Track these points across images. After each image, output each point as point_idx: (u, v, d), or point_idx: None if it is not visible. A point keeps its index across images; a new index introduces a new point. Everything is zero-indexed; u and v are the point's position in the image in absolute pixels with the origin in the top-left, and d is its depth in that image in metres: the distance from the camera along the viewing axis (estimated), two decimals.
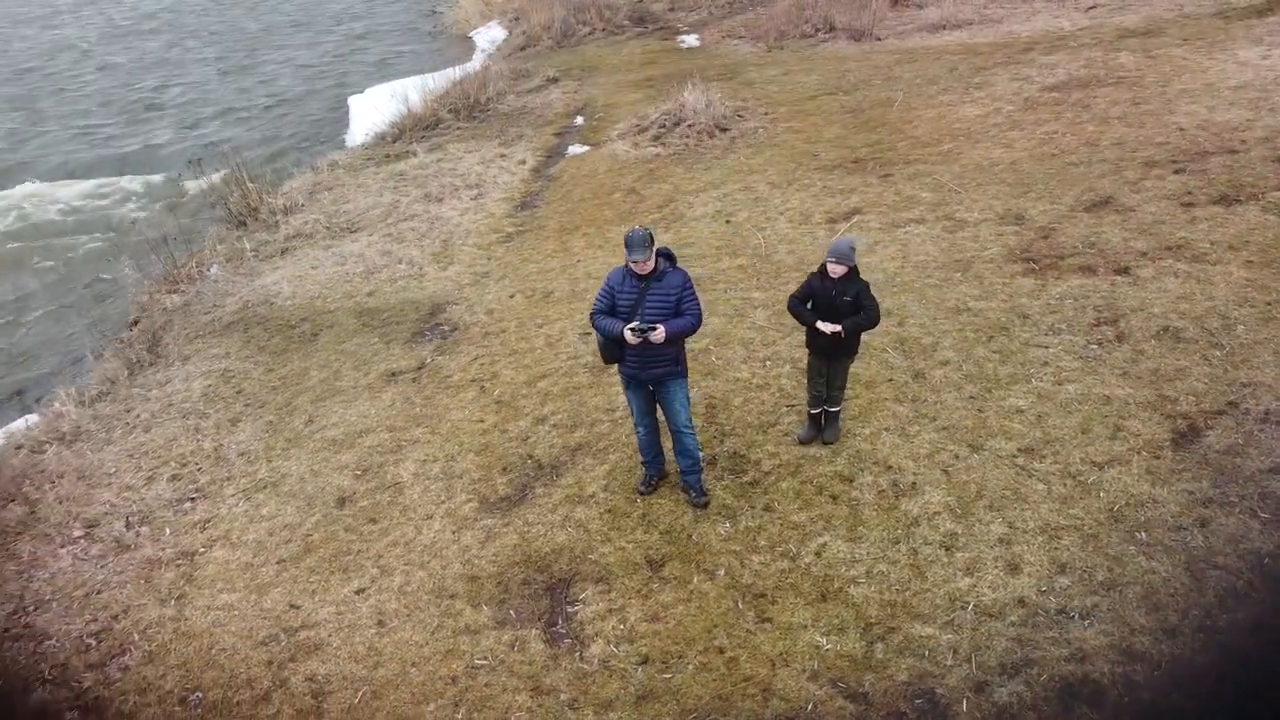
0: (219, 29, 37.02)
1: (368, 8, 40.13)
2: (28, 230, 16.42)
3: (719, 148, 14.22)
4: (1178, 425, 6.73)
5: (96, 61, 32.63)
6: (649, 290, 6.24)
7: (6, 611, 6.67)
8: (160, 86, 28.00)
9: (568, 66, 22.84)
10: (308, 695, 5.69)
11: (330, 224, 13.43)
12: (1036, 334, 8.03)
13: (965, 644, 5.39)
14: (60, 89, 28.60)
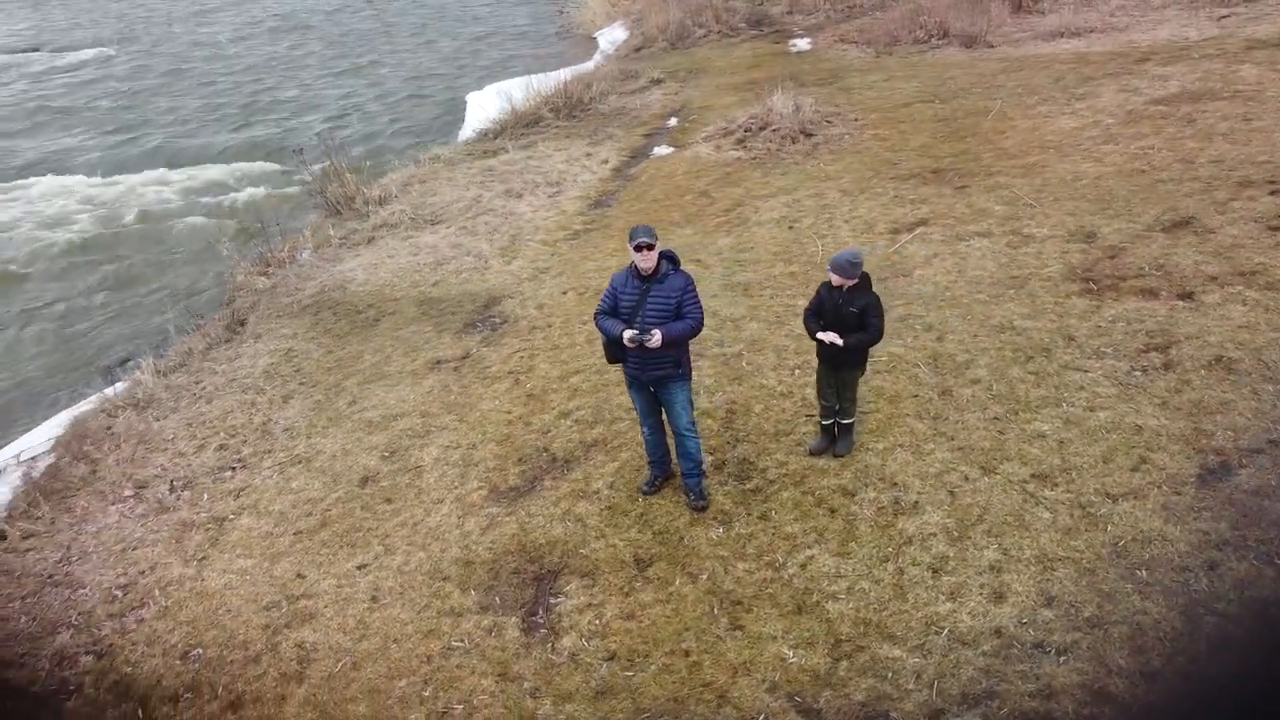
0: (351, 29, 38.66)
1: (497, 7, 41.21)
2: (151, 213, 17.61)
3: (800, 153, 14.07)
4: (1208, 461, 6.35)
5: (232, 57, 34.61)
6: (650, 292, 6.30)
7: (54, 559, 7.23)
8: (287, 82, 29.49)
9: (675, 68, 22.95)
10: (294, 661, 5.98)
11: (415, 215, 13.92)
12: (1078, 357, 7.69)
13: (931, 669, 5.25)
14: (198, 83, 30.46)
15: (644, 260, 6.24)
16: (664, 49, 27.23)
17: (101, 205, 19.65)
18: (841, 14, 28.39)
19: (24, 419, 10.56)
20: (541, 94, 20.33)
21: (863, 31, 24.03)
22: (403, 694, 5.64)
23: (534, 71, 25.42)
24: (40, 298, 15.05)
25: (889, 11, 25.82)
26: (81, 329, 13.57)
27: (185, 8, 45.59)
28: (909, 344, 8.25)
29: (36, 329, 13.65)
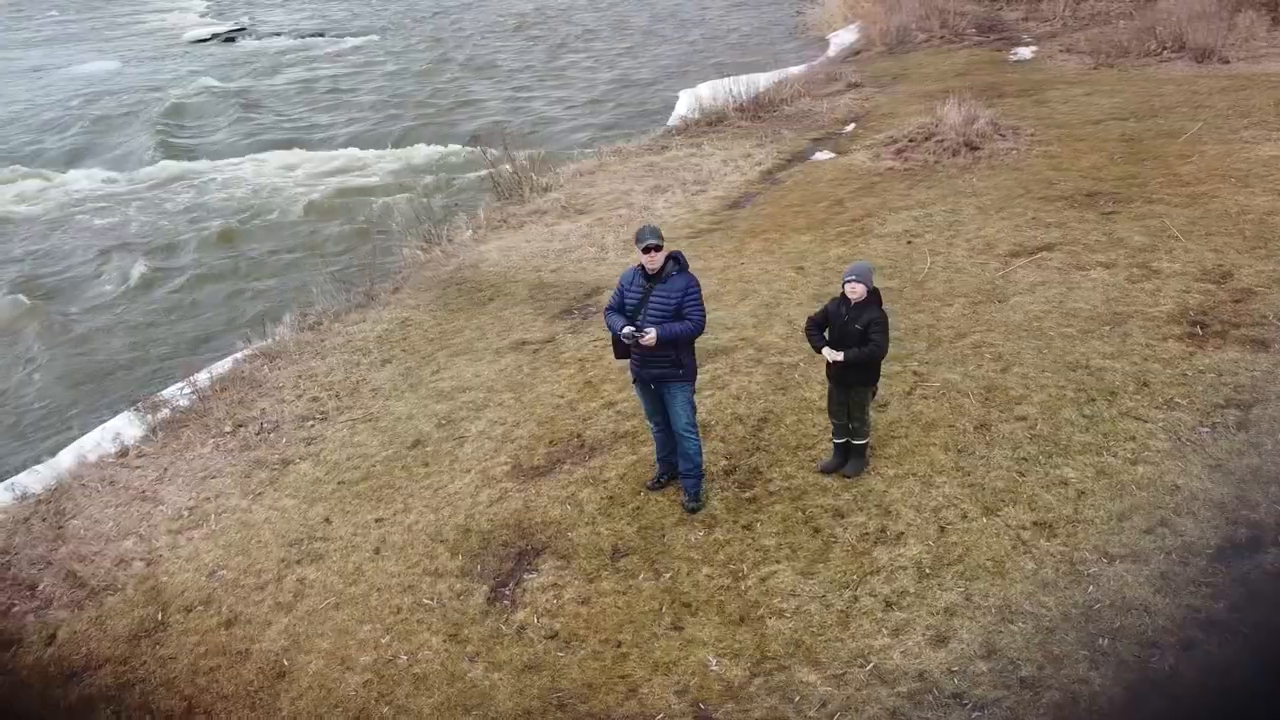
0: (588, 26, 40.25)
1: (737, 7, 41.54)
2: (348, 188, 19.42)
3: (957, 166, 13.46)
4: (1236, 534, 5.71)
5: (468, 51, 37.04)
6: (654, 291, 6.43)
7: (151, 478, 8.34)
8: (512, 75, 31.26)
9: (880, 73, 22.42)
10: (290, 594, 6.63)
11: (567, 205, 14.54)
12: (1144, 405, 7.05)
13: (838, 701, 5.11)
14: (438, 73, 32.86)
15: (650, 261, 6.37)
16: (880, 53, 26.57)
17: (317, 177, 21.84)
18: (1080, 22, 26.55)
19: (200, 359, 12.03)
20: (732, 94, 20.50)
21: (1091, 41, 22.38)
22: (364, 638, 6.13)
23: (750, 71, 25.58)
24: (245, 253, 17.03)
25: (1131, 21, 23.91)
26: (268, 285, 15.25)
27: (447, 3, 49.03)
28: (969, 372, 7.85)
29: (229, 285, 15.51)
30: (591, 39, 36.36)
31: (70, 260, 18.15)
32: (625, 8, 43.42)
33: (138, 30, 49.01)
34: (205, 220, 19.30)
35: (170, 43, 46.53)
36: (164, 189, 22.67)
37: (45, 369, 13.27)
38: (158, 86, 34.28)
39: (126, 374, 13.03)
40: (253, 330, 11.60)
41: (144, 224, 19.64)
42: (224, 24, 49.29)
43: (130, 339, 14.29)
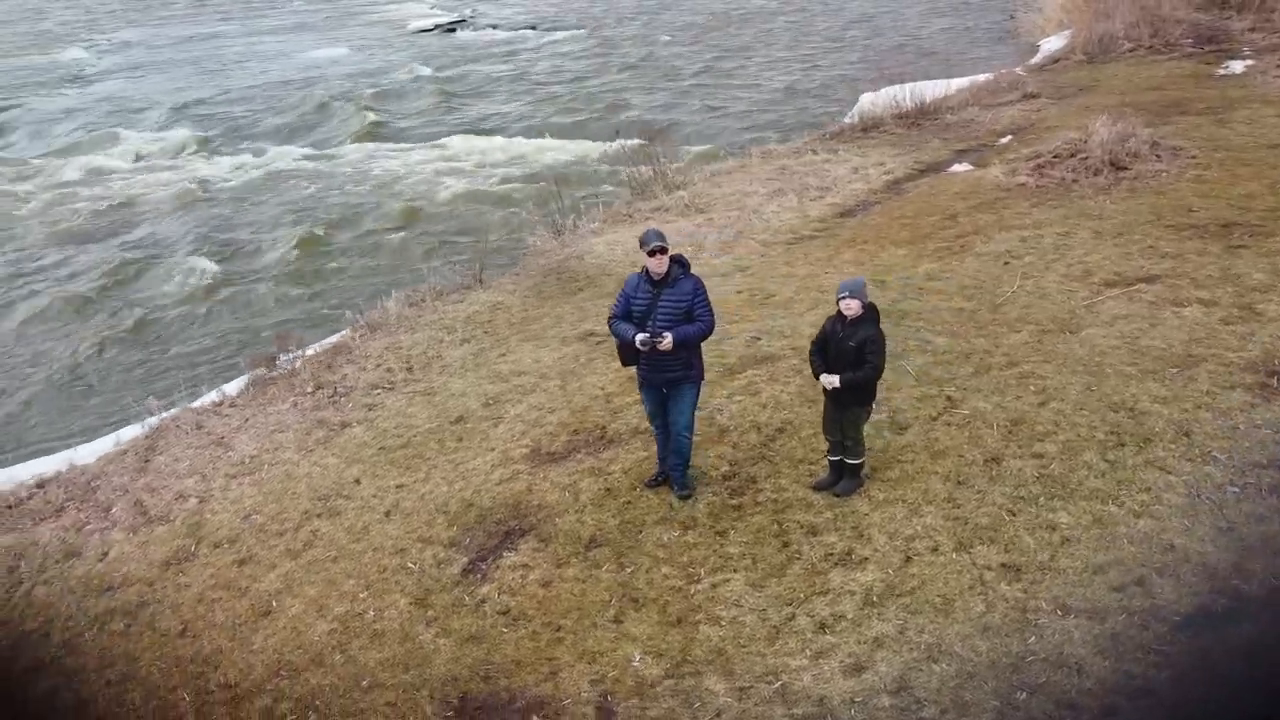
0: (781, 29, 39.96)
1: (942, 11, 40.09)
2: (512, 176, 20.35)
3: (1095, 187, 12.63)
4: (1216, 603, 5.24)
5: (666, 46, 37.60)
6: (661, 296, 6.51)
7: (232, 427, 9.25)
8: (702, 71, 31.56)
9: (1066, 84, 21.20)
10: (301, 543, 7.24)
11: (689, 203, 14.71)
12: (1176, 455, 6.52)
13: (732, 713, 5.12)
14: (627, 68, 33.65)
15: (657, 265, 6.45)
16: (1078, 62, 25.00)
17: (490, 165, 23.00)
18: None
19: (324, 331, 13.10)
20: (896, 101, 19.98)
21: None
22: (346, 590, 6.63)
23: (935, 78, 24.79)
24: (407, 232, 18.27)
25: None
26: (411, 263, 16.33)
27: (648, 3, 49.90)
28: (1003, 402, 7.49)
29: (383, 260, 16.71)
30: (783, 42, 36.16)
31: (255, 228, 20.07)
32: (824, 12, 42.83)
33: (369, 20, 52.91)
34: (379, 200, 20.80)
35: (396, 32, 49.91)
36: (355, 168, 24.52)
37: (203, 324, 14.84)
38: (372, 72, 36.97)
39: (270, 333, 14.35)
40: (367, 303, 12.50)
41: (327, 200, 21.38)
42: (447, 16, 52.33)
43: (284, 304, 15.70)
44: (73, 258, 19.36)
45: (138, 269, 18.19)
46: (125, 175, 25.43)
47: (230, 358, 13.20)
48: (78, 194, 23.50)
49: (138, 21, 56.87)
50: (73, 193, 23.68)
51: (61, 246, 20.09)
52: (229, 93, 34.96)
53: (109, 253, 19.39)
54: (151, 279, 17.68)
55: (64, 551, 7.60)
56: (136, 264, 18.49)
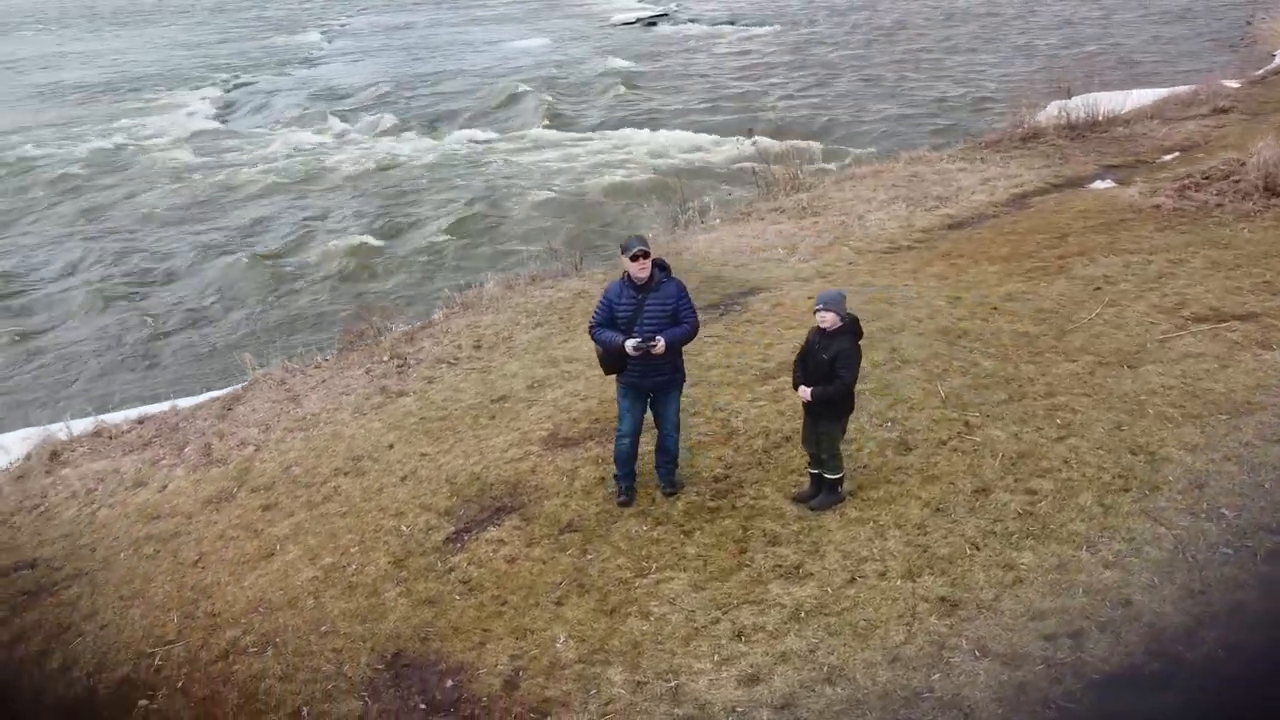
0: (989, 29, 38.19)
1: (1169, 19, 37.13)
2: (661, 168, 20.71)
3: (1238, 213, 11.57)
4: (1148, 666, 4.88)
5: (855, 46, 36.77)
6: (646, 300, 6.60)
7: (307, 386, 10.06)
8: (883, 72, 30.76)
9: (1273, 98, 19.37)
10: (321, 497, 7.85)
11: (805, 206, 14.56)
12: (1177, 507, 6.07)
13: (620, 704, 5.24)
14: (815, 67, 33.24)
15: (640, 270, 6.51)
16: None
17: (647, 155, 23.45)
18: None
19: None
20: (1065, 111, 18.88)
21: None
22: (340, 544, 7.15)
23: (1132, 87, 23.25)
24: (547, 217, 19.00)
25: None
26: (533, 248, 17.00)
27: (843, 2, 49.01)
28: (1019, 433, 7.12)
29: (508, 245, 17.48)
30: (975, 46, 34.66)
31: (420, 206, 21.42)
32: (1025, 15, 40.66)
33: (574, 12, 54.73)
34: (536, 187, 21.71)
35: (598, 25, 51.42)
36: (523, 155, 25.64)
37: (343, 292, 16.06)
38: (566, 63, 38.33)
39: (400, 307, 15.37)
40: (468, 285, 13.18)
41: (491, 184, 22.51)
42: (649, 9, 53.32)
43: (420, 279, 16.75)
44: (263, 221, 21.35)
45: (310, 236, 19.87)
46: (324, 151, 27.66)
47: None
48: (279, 166, 25.81)
49: (371, 8, 61.12)
50: (276, 164, 26.02)
51: (256, 211, 22.19)
52: (429, 78, 37.20)
53: (293, 218, 21.27)
54: (317, 246, 19.26)
55: (135, 480, 8.57)
56: (311, 231, 20.19)
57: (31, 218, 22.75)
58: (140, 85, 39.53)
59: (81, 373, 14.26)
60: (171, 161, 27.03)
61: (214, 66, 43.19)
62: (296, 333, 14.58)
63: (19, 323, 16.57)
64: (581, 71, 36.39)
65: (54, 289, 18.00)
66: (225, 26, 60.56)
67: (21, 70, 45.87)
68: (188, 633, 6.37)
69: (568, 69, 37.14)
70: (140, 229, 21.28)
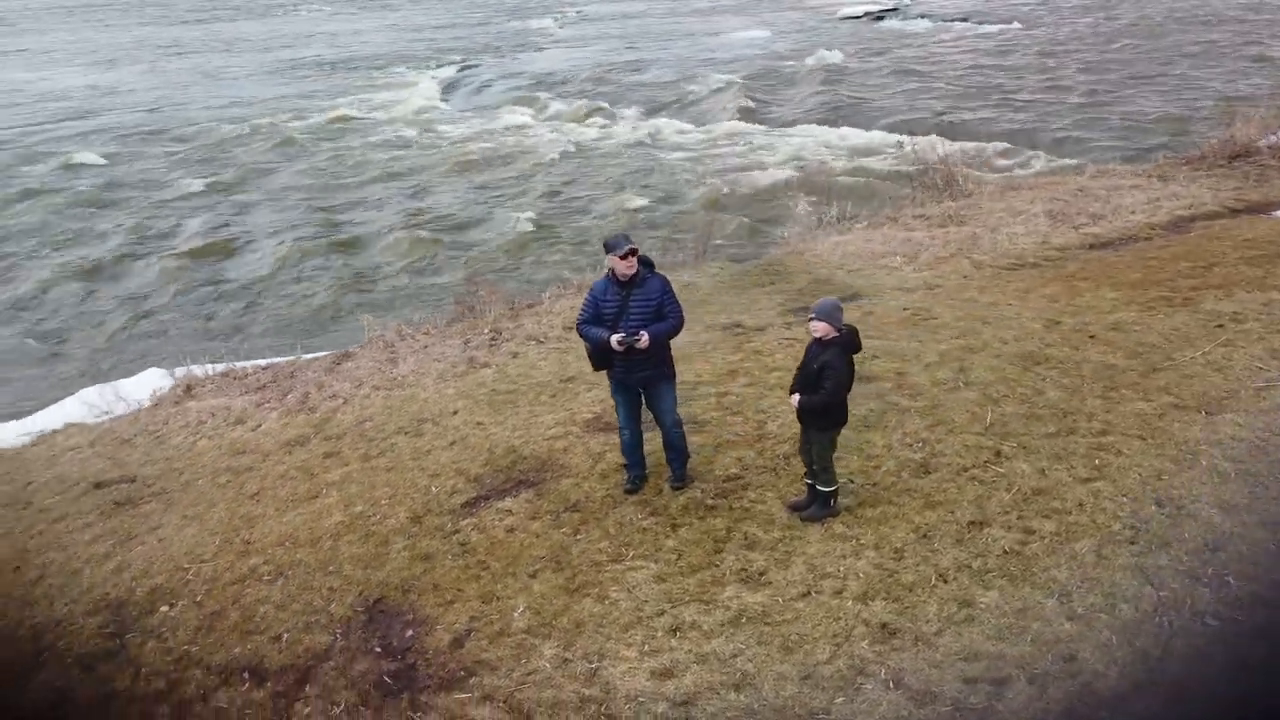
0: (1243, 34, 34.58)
1: None
2: (834, 169, 20.47)
3: None
4: (1068, 708, 4.59)
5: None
6: (631, 297, 6.72)
7: (409, 350, 10.83)
8: (1127, 71, 28.62)
9: None
10: (377, 451, 8.47)
11: (950, 215, 14.01)
12: (1176, 569, 5.57)
13: (539, 676, 5.47)
14: (1032, 69, 31.34)
15: (626, 267, 6.59)
16: None
17: (828, 154, 23.09)
18: None
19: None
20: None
21: None
22: (376, 496, 7.73)
23: None
24: (709, 209, 19.22)
25: None
26: (681, 236, 17.22)
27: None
28: (1048, 469, 6.73)
29: (660, 231, 17.79)
30: (1221, 53, 31.53)
31: (594, 189, 22.16)
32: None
33: (804, 5, 54.11)
34: (707, 178, 21.94)
35: (824, 18, 50.64)
36: (708, 146, 25.89)
37: (503, 268, 16.95)
38: (779, 55, 38.17)
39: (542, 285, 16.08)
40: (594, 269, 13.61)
41: (668, 173, 22.93)
42: (878, 4, 51.92)
43: (567, 260, 17.39)
44: (450, 195, 22.79)
45: (488, 213, 21.05)
46: (525, 133, 29.04)
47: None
48: (480, 145, 27.38)
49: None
50: (477, 144, 27.62)
51: (447, 186, 23.71)
52: (643, 65, 38.09)
53: (478, 195, 22.58)
54: (490, 223, 20.39)
55: (237, 418, 9.60)
56: (489, 208, 21.38)
57: (255, 179, 25.35)
58: (375, 64, 42.88)
59: (256, 318, 15.94)
60: (384, 136, 29.22)
61: (446, 49, 46.11)
62: (445, 302, 15.56)
63: (219, 268, 18.65)
64: (790, 65, 36.09)
65: (258, 243, 20.07)
66: (462, 11, 64.25)
67: (267, 48, 50.84)
68: (221, 555, 7.14)
69: (778, 62, 36.94)
70: (339, 196, 23.24)
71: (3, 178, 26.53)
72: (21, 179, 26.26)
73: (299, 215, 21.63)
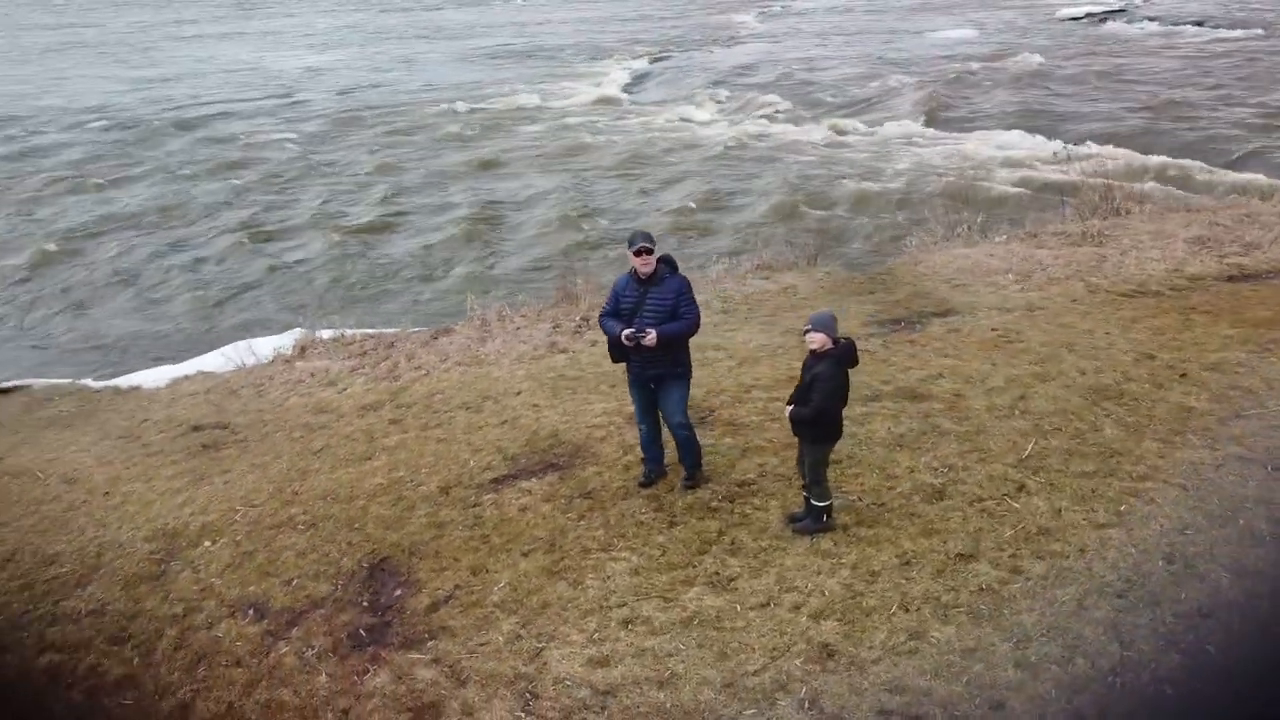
0: None
1: None
2: (996, 177, 19.54)
3: None
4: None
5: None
6: (648, 294, 6.83)
7: (504, 330, 11.33)
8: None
9: None
10: (435, 423, 8.92)
11: (1091, 234, 13.11)
12: (1150, 631, 5.16)
13: (487, 650, 5.73)
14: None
15: (643, 265, 6.73)
16: None
17: (988, 163, 22.04)
18: None
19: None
20: None
21: None
22: (419, 464, 8.17)
23: None
24: (860, 214, 18.84)
25: None
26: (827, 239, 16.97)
27: None
28: (1065, 508, 6.37)
29: (806, 236, 17.63)
30: None
31: (748, 187, 22.16)
32: None
33: (1020, 4, 51.38)
34: (862, 179, 21.48)
35: (1040, 19, 48.01)
36: (884, 149, 25.29)
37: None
38: (981, 56, 36.69)
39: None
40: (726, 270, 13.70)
41: (833, 173, 22.57)
42: (1102, 4, 48.67)
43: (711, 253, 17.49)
44: (609, 184, 23.39)
45: (630, 205, 21.48)
46: (697, 126, 29.32)
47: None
48: (647, 137, 27.85)
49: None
50: (646, 135, 28.11)
51: (603, 175, 24.33)
52: (836, 62, 37.55)
53: (625, 185, 23.08)
54: (633, 214, 20.78)
55: (330, 380, 10.37)
56: (633, 199, 21.82)
57: (427, 160, 26.83)
58: (565, 55, 44.25)
59: (390, 290, 17.07)
60: (559, 125, 30.18)
61: (638, 41, 46.91)
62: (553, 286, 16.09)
63: (375, 242, 19.99)
64: (986, 67, 34.52)
65: (416, 222, 21.36)
66: (661, 4, 64.91)
67: (465, 36, 53.29)
68: (269, 502, 7.81)
69: (974, 64, 35.39)
70: (501, 181, 24.28)
71: (204, 150, 29.27)
72: (223, 151, 28.91)
73: (459, 197, 22.80)
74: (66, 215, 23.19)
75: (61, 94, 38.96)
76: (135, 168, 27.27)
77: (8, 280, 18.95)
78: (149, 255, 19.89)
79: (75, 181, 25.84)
